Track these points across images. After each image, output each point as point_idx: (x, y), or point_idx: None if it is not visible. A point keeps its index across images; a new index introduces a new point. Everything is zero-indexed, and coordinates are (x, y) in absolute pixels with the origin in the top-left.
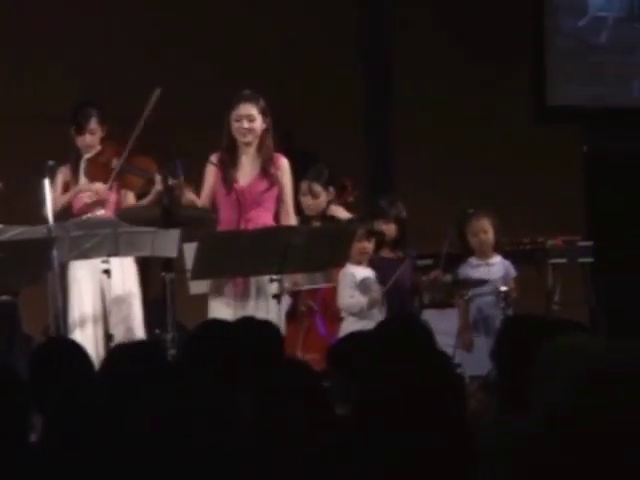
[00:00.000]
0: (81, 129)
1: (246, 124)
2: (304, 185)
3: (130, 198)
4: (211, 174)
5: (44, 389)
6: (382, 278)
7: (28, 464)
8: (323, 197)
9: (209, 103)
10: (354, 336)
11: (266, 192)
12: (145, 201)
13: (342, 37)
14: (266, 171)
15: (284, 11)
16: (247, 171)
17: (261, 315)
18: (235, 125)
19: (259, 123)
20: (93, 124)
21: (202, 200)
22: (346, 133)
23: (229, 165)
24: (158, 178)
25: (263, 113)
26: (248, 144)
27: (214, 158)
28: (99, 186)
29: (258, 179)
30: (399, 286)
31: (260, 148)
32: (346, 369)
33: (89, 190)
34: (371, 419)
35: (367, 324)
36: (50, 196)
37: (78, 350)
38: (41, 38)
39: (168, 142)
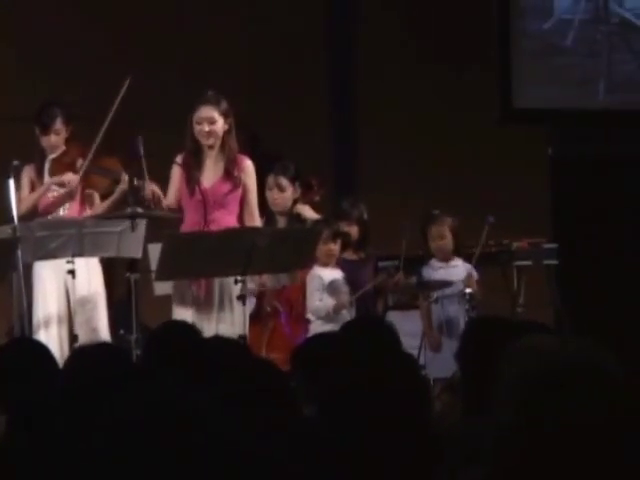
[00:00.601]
0: (46, 129)
1: (207, 127)
2: (270, 179)
3: (95, 198)
4: (176, 175)
5: (7, 389)
6: (348, 279)
7: None
8: (289, 191)
9: (175, 104)
10: (319, 337)
11: (229, 194)
12: (109, 201)
13: (308, 38)
14: (229, 173)
15: (250, 11)
16: (210, 173)
17: (225, 316)
18: (197, 128)
19: (220, 125)
20: (58, 124)
21: (168, 200)
22: (311, 134)
23: (193, 167)
24: (124, 177)
25: (224, 115)
26: (211, 147)
27: (179, 159)
28: (69, 176)
29: (221, 181)
30: (362, 288)
31: (223, 149)
32: (310, 370)
33: (59, 182)
34: (336, 420)
35: (335, 326)
36: (15, 196)
37: (43, 350)
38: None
39: (134, 140)
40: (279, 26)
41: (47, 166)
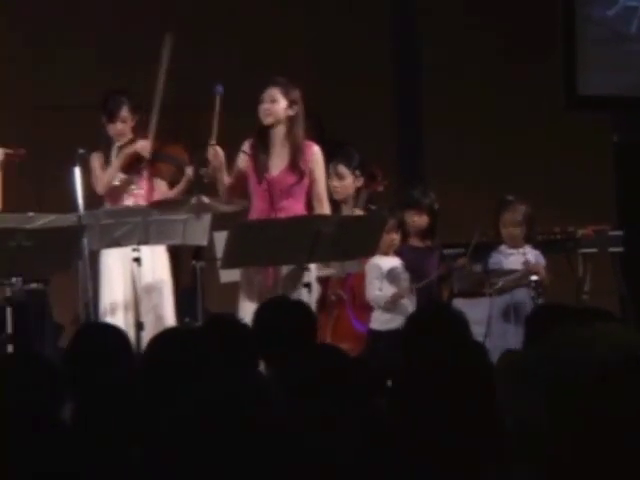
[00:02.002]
0: (112, 117)
1: (267, 105)
2: (330, 167)
3: (162, 187)
4: (242, 162)
5: (81, 373)
6: (411, 267)
7: (61, 450)
8: (349, 180)
9: (238, 91)
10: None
11: (296, 184)
12: (176, 190)
13: (373, 24)
14: (295, 163)
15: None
16: (277, 161)
17: None
18: (259, 107)
19: (282, 106)
20: (124, 112)
21: (227, 182)
22: (377, 122)
23: (260, 154)
24: (188, 171)
25: (289, 99)
26: (270, 126)
27: (246, 147)
28: (141, 143)
29: (287, 171)
30: (428, 276)
31: (288, 137)
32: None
33: (133, 150)
34: (405, 406)
35: (396, 315)
36: (80, 184)
37: (119, 334)
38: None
39: (215, 88)
40: (345, 13)
41: (114, 154)
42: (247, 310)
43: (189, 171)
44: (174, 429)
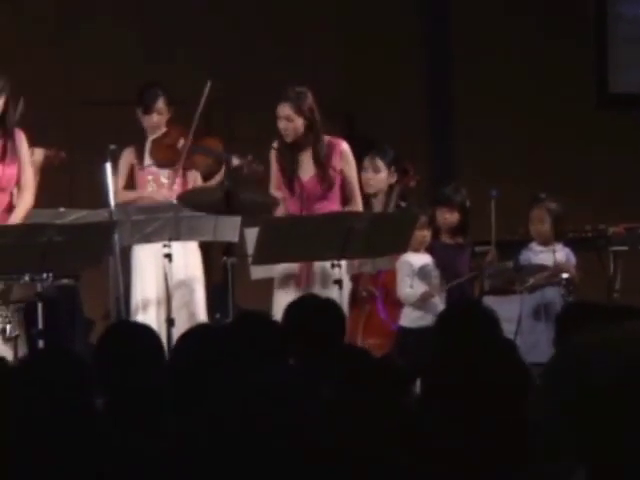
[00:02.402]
0: (148, 108)
1: (283, 124)
2: (366, 160)
3: (197, 179)
4: (275, 160)
5: (111, 372)
6: (441, 264)
7: (93, 444)
8: (384, 174)
9: (271, 87)
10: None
11: (327, 190)
12: (213, 182)
13: (403, 19)
14: (323, 172)
15: None
16: (306, 167)
17: None
18: (278, 123)
19: (298, 124)
20: (160, 104)
21: (272, 188)
22: (408, 118)
23: (287, 157)
24: (228, 159)
25: (302, 113)
26: (294, 143)
27: (275, 143)
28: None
29: (315, 179)
30: (459, 273)
31: (313, 145)
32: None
33: (154, 196)
34: (435, 404)
35: (426, 312)
36: (112, 180)
37: (148, 333)
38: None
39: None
40: (374, 7)
41: (148, 147)
42: (282, 305)
43: (230, 163)
44: (205, 426)
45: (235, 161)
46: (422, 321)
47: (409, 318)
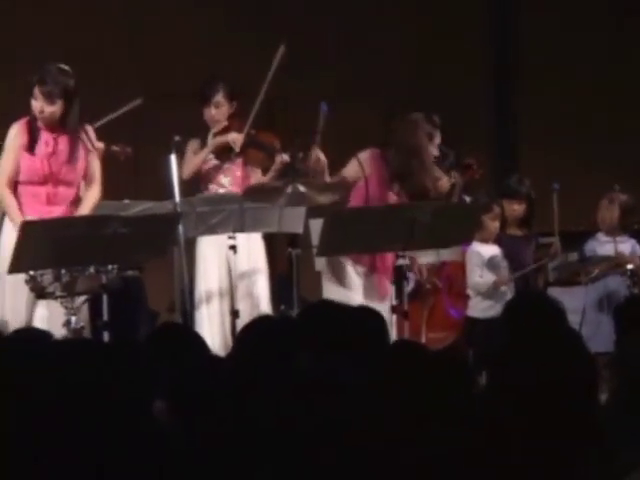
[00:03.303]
0: (207, 101)
1: None
2: None
3: (257, 174)
4: (357, 172)
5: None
6: (509, 255)
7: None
8: (443, 180)
9: (333, 86)
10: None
11: None
12: (267, 178)
13: (469, 12)
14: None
15: None
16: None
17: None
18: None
19: None
20: (219, 97)
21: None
22: (471, 112)
23: (389, 176)
24: (278, 159)
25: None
26: None
27: (366, 159)
28: (233, 135)
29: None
30: (524, 265)
31: None
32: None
33: (224, 140)
34: (503, 393)
35: (495, 302)
36: (176, 172)
37: (193, 335)
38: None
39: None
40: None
41: (210, 140)
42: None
43: (281, 158)
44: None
45: (285, 157)
46: (490, 311)
47: (477, 309)
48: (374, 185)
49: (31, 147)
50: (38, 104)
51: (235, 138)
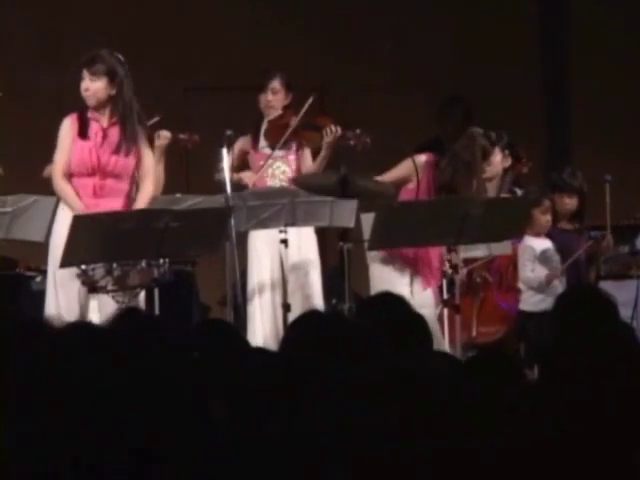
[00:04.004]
0: (263, 86)
1: None
2: None
3: (307, 156)
4: (410, 174)
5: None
6: (560, 250)
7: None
8: (498, 157)
9: (385, 76)
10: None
11: None
12: (319, 158)
13: (521, 9)
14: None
15: None
16: None
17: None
18: None
19: None
20: (275, 83)
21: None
22: (523, 104)
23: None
24: (328, 130)
25: None
26: None
27: (423, 160)
28: (248, 174)
29: None
30: (577, 258)
31: None
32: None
33: (238, 178)
34: (556, 386)
35: (546, 296)
36: (228, 166)
37: (233, 332)
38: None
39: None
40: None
41: (263, 128)
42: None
43: (327, 135)
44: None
45: (338, 130)
46: (542, 305)
47: (529, 302)
48: (423, 191)
49: (82, 137)
50: (84, 83)
51: (249, 177)
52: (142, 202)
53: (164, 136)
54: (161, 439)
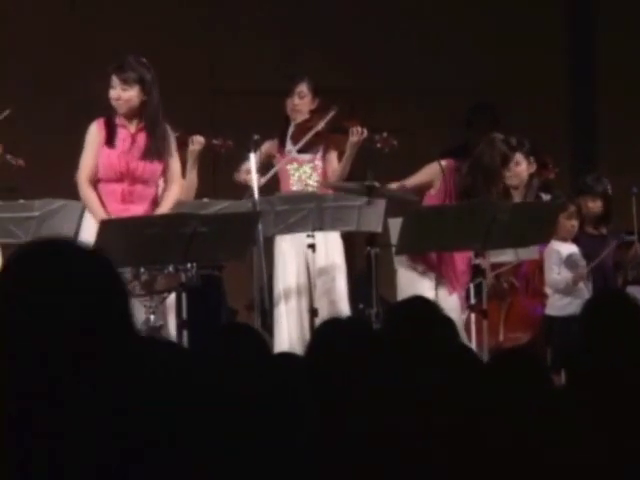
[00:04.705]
0: (290, 90)
1: None
2: None
3: (333, 159)
4: (436, 177)
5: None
6: (586, 254)
7: None
8: (524, 165)
9: (414, 76)
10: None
11: None
12: (344, 160)
13: (548, 13)
14: None
15: None
16: None
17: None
18: None
19: None
20: (302, 87)
21: (409, 182)
22: (549, 113)
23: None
24: (353, 130)
25: None
26: None
27: (446, 165)
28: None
29: None
30: (602, 263)
31: None
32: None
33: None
34: (584, 390)
35: (573, 300)
36: (255, 170)
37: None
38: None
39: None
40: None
41: (290, 132)
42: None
43: (352, 134)
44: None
45: (364, 132)
46: (568, 309)
47: (555, 307)
48: (445, 197)
49: (109, 143)
50: (115, 91)
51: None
52: (167, 206)
53: (198, 141)
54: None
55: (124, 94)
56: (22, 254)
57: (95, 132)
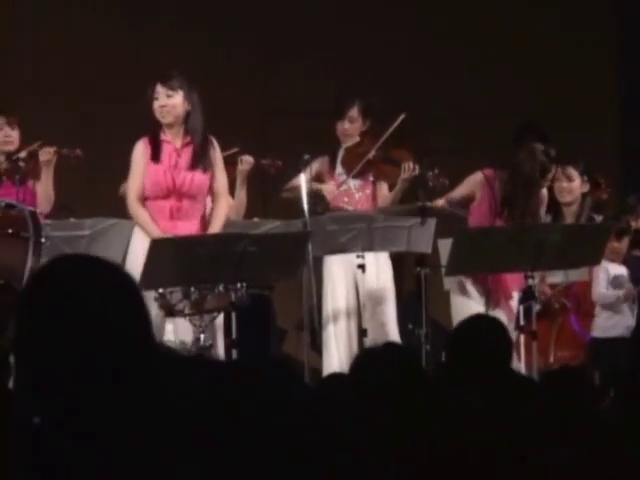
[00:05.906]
0: (341, 114)
1: None
2: (558, 170)
3: (384, 189)
4: (479, 186)
5: None
6: (634, 276)
7: None
8: (577, 182)
9: (462, 97)
10: None
11: None
12: (394, 192)
13: (597, 30)
14: None
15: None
16: None
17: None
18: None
19: None
20: (353, 112)
21: (454, 195)
22: (599, 130)
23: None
24: (405, 166)
25: None
26: None
27: (481, 178)
28: (329, 187)
29: None
30: None
31: None
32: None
33: (318, 188)
34: (631, 413)
35: (620, 320)
36: (306, 190)
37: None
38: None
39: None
40: (565, 16)
41: (340, 155)
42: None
43: (404, 171)
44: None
45: (416, 168)
46: (613, 331)
47: (600, 328)
48: (486, 206)
49: (155, 159)
50: (159, 101)
51: (330, 191)
52: (218, 222)
53: (247, 161)
54: None
55: (169, 101)
56: (43, 271)
57: (141, 150)
